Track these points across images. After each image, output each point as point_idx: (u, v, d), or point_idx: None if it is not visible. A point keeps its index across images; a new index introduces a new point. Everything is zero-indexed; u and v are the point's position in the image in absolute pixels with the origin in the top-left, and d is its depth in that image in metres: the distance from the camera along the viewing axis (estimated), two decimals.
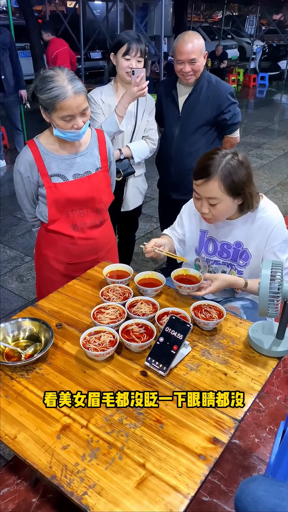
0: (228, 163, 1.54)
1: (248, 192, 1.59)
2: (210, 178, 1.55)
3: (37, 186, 1.77)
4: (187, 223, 1.88)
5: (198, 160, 1.63)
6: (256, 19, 15.51)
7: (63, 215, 1.80)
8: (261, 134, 7.73)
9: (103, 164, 1.85)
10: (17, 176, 1.77)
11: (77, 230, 1.85)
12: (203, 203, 1.62)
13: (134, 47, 2.15)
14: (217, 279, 1.64)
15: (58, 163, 1.73)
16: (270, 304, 1.29)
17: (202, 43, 2.34)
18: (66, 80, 1.55)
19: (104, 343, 1.39)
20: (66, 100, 1.54)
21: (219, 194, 1.56)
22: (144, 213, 4.15)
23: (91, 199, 1.81)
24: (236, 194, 1.58)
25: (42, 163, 1.71)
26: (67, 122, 1.61)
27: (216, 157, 1.56)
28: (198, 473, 1.05)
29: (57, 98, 1.54)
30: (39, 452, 1.09)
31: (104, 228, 1.97)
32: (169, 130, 2.56)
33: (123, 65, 2.19)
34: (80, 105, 1.58)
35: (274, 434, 2.02)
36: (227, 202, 1.59)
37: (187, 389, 1.28)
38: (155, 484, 1.03)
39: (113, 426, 1.16)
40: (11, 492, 1.74)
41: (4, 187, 5.04)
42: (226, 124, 2.49)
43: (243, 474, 1.84)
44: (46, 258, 1.92)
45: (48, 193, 1.73)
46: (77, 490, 1.01)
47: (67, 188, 1.75)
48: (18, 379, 1.31)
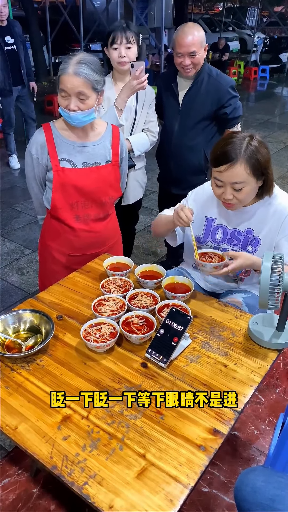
0: (250, 144, 1.53)
1: (270, 173, 1.60)
2: (235, 162, 1.52)
3: (45, 170, 1.78)
4: (194, 210, 1.86)
5: (216, 146, 1.60)
6: (257, 11, 15.36)
7: (67, 204, 1.80)
8: (261, 127, 7.69)
9: (114, 158, 1.85)
10: (28, 157, 1.79)
11: (80, 222, 1.84)
12: (226, 189, 1.59)
13: (119, 35, 2.14)
14: (240, 257, 1.61)
15: (69, 149, 1.75)
16: (271, 297, 1.29)
17: (203, 35, 2.30)
18: (76, 61, 1.60)
19: (104, 334, 1.40)
20: (64, 75, 1.60)
21: (244, 177, 1.55)
22: (145, 206, 4.15)
23: (97, 190, 1.81)
24: (260, 175, 1.57)
25: (53, 145, 1.73)
26: (63, 99, 1.65)
27: (235, 140, 1.54)
28: (198, 464, 1.06)
29: (60, 71, 1.62)
30: (40, 443, 1.10)
31: (108, 223, 1.97)
32: (169, 124, 2.54)
33: (112, 55, 2.19)
34: (75, 87, 1.60)
35: (273, 426, 2.03)
36: (251, 185, 1.58)
37: (188, 381, 1.28)
38: (155, 474, 1.03)
39: (113, 417, 1.17)
40: (12, 483, 1.75)
41: (4, 180, 5.02)
42: (226, 118, 2.46)
43: (243, 466, 1.86)
44: (49, 249, 1.93)
45: (55, 177, 1.74)
46: (77, 480, 1.02)
47: (75, 175, 1.76)
48: (18, 371, 1.31)
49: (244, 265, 1.62)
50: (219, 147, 1.58)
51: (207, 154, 2.50)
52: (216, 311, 1.60)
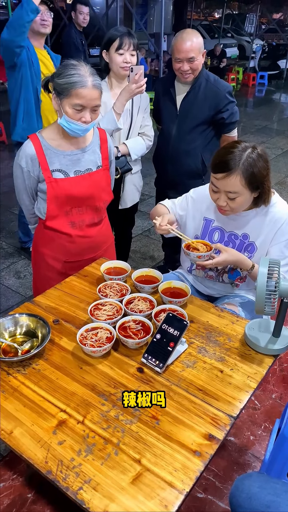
0: (249, 157, 1.54)
1: (267, 186, 1.60)
2: (231, 172, 1.54)
3: (37, 181, 1.76)
4: (191, 209, 1.88)
5: (217, 153, 1.62)
6: (256, 17, 15.49)
7: (62, 212, 1.80)
8: (259, 133, 7.73)
9: (104, 162, 1.85)
10: (17, 170, 1.76)
11: (75, 228, 1.84)
12: (221, 196, 1.62)
13: (126, 41, 2.15)
14: (227, 252, 1.64)
15: (60, 159, 1.73)
16: (267, 302, 1.29)
17: (201, 41, 2.33)
18: (88, 72, 1.59)
19: (101, 339, 1.40)
20: (84, 88, 1.56)
21: (238, 188, 1.56)
22: (142, 210, 4.16)
23: (91, 196, 1.81)
24: (255, 187, 1.58)
25: (44, 158, 1.71)
26: (77, 112, 1.61)
27: (236, 150, 1.55)
28: (194, 469, 1.06)
29: (75, 84, 1.56)
30: (35, 447, 1.10)
31: (102, 227, 1.97)
32: (167, 128, 2.56)
33: (117, 60, 2.19)
34: (94, 99, 1.60)
35: (269, 432, 2.03)
36: (245, 196, 1.59)
37: (183, 386, 1.28)
38: (151, 479, 1.03)
39: (109, 422, 1.17)
40: (7, 487, 1.74)
41: (1, 183, 5.02)
42: (224, 123, 2.48)
43: (238, 471, 1.85)
44: (43, 256, 1.92)
45: (48, 189, 1.73)
46: (72, 485, 1.01)
47: (68, 184, 1.75)
48: (14, 375, 1.31)
49: (228, 260, 1.65)
50: (220, 154, 1.59)
51: (204, 158, 2.51)
52: (213, 316, 1.60)
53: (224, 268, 1.84)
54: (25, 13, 2.33)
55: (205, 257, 1.64)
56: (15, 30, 2.36)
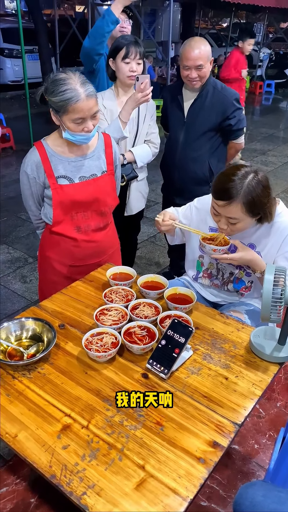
0: (249, 185, 1.53)
1: (268, 210, 1.60)
2: (232, 201, 1.54)
3: (43, 188, 1.78)
4: (195, 218, 1.88)
5: (218, 179, 1.61)
6: (263, 27, 15.54)
7: (68, 217, 1.81)
8: (266, 141, 7.74)
9: (109, 167, 1.86)
10: (23, 177, 1.78)
11: (81, 233, 1.86)
12: (221, 219, 1.63)
13: (132, 50, 2.17)
14: (244, 250, 1.65)
15: (65, 165, 1.75)
16: (273, 310, 1.29)
17: (209, 49, 2.35)
18: (79, 83, 1.57)
19: (106, 344, 1.40)
20: (78, 103, 1.56)
21: (239, 215, 1.57)
22: (148, 217, 4.17)
23: (96, 201, 1.82)
24: (256, 213, 1.59)
25: (49, 164, 1.73)
26: (78, 124, 1.62)
27: (237, 178, 1.54)
28: (198, 476, 1.05)
29: (69, 101, 1.56)
30: (39, 451, 1.10)
31: (108, 232, 1.98)
32: (174, 135, 2.58)
33: (123, 69, 2.21)
34: (91, 108, 1.60)
35: (273, 441, 2.02)
36: (246, 221, 1.60)
37: (188, 393, 1.28)
38: (154, 486, 1.03)
39: (113, 427, 1.17)
40: (10, 492, 1.74)
41: (8, 189, 5.06)
42: (231, 130, 2.50)
43: (242, 480, 1.84)
44: (49, 260, 1.93)
45: (53, 195, 1.75)
46: (76, 490, 1.01)
47: (72, 190, 1.76)
48: (20, 378, 1.32)
49: (244, 258, 1.65)
50: (220, 182, 1.58)
51: (211, 165, 2.53)
52: (218, 323, 1.60)
53: (229, 277, 1.84)
54: (106, 24, 2.43)
55: (220, 251, 1.65)
56: (96, 39, 2.45)
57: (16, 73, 10.11)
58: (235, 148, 2.65)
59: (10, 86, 10.11)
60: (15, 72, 10.14)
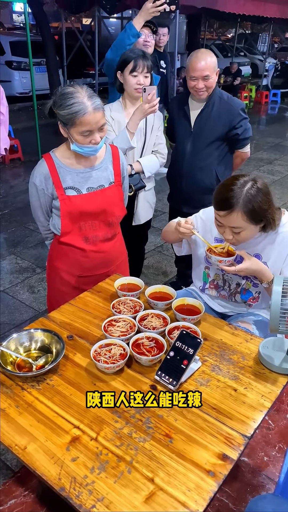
0: (248, 193, 1.54)
1: (270, 217, 1.61)
2: (232, 210, 1.55)
3: (51, 199, 1.80)
4: (201, 230, 1.89)
5: (218, 190, 1.63)
6: (268, 37, 15.64)
7: (76, 228, 1.83)
8: (272, 150, 7.75)
9: (117, 178, 1.88)
10: (32, 188, 1.80)
11: (89, 243, 1.87)
12: (226, 230, 1.64)
13: (140, 63, 2.20)
14: (250, 260, 1.64)
15: (73, 177, 1.77)
16: (281, 321, 1.29)
17: (215, 60, 2.39)
18: (86, 97, 1.59)
19: (114, 355, 1.40)
20: (86, 116, 1.58)
21: (242, 224, 1.58)
22: (155, 226, 4.18)
23: (103, 212, 1.84)
24: (258, 221, 1.60)
25: (57, 176, 1.75)
26: (86, 137, 1.64)
27: (235, 188, 1.55)
28: (207, 490, 1.04)
29: (77, 114, 1.58)
30: (48, 464, 1.10)
31: (116, 242, 1.99)
32: (181, 145, 2.60)
33: (131, 82, 2.24)
34: (98, 120, 1.62)
35: (283, 453, 2.00)
36: (250, 229, 1.61)
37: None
38: (164, 499, 1.02)
39: (122, 440, 1.16)
40: (18, 504, 1.73)
41: (16, 199, 5.10)
42: (237, 139, 2.52)
43: (252, 493, 1.82)
44: (57, 270, 1.95)
45: (62, 205, 1.77)
46: (85, 503, 1.01)
47: (80, 201, 1.78)
48: (29, 390, 1.32)
49: (251, 268, 1.64)
50: (220, 192, 1.60)
51: (218, 174, 2.55)
52: (227, 334, 1.59)
53: (236, 288, 1.84)
54: (127, 37, 2.51)
55: (226, 262, 1.64)
56: (117, 51, 2.52)
57: (24, 85, 10.24)
58: (241, 157, 2.66)
59: (18, 98, 10.24)
60: (23, 84, 10.27)
